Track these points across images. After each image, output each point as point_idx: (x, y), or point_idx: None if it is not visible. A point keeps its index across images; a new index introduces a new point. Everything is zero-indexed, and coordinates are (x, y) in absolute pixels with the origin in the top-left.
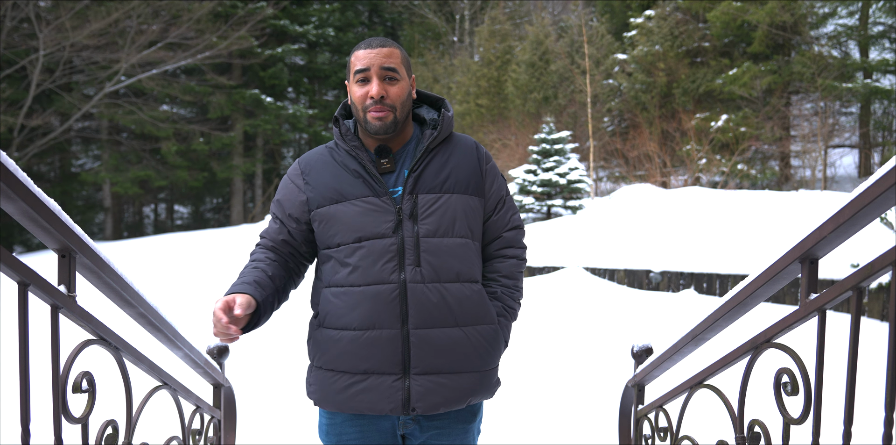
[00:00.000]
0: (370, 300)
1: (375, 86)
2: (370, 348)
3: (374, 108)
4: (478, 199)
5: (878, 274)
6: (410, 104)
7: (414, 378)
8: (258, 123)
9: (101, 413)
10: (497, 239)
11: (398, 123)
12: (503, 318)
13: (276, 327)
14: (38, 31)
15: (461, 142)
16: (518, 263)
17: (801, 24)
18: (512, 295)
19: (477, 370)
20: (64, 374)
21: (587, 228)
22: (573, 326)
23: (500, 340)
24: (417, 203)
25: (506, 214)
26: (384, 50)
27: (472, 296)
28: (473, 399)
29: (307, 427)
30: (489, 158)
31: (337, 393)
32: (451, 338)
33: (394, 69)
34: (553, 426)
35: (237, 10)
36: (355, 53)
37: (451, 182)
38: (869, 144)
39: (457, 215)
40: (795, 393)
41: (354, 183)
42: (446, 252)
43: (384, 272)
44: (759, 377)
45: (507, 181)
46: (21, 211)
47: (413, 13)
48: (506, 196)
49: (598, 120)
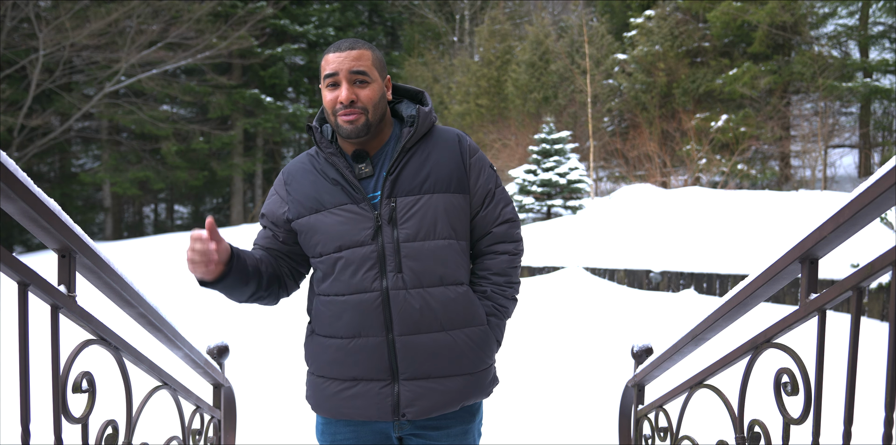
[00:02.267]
0: (354, 309)
1: (345, 90)
2: (357, 355)
3: (343, 111)
4: (461, 196)
5: (878, 274)
6: (385, 105)
7: (403, 384)
8: (258, 121)
9: (101, 413)
10: (487, 235)
11: (371, 126)
12: (493, 317)
13: (275, 327)
14: (38, 31)
15: (442, 136)
16: (511, 258)
17: (802, 24)
18: (503, 293)
19: (467, 372)
20: (64, 374)
21: (587, 228)
22: (573, 326)
23: (490, 341)
24: (396, 207)
25: (495, 208)
26: (353, 53)
27: (457, 299)
28: (466, 401)
29: (307, 428)
30: (475, 149)
31: (328, 399)
32: (438, 343)
33: (363, 72)
34: (553, 426)
35: (237, 9)
36: (325, 57)
37: (430, 182)
38: (869, 144)
39: (438, 215)
40: (795, 393)
41: (333, 191)
42: (428, 256)
43: (366, 281)
44: (759, 377)
45: (499, 173)
46: (21, 211)
47: (413, 13)
48: (494, 189)
49: (598, 120)
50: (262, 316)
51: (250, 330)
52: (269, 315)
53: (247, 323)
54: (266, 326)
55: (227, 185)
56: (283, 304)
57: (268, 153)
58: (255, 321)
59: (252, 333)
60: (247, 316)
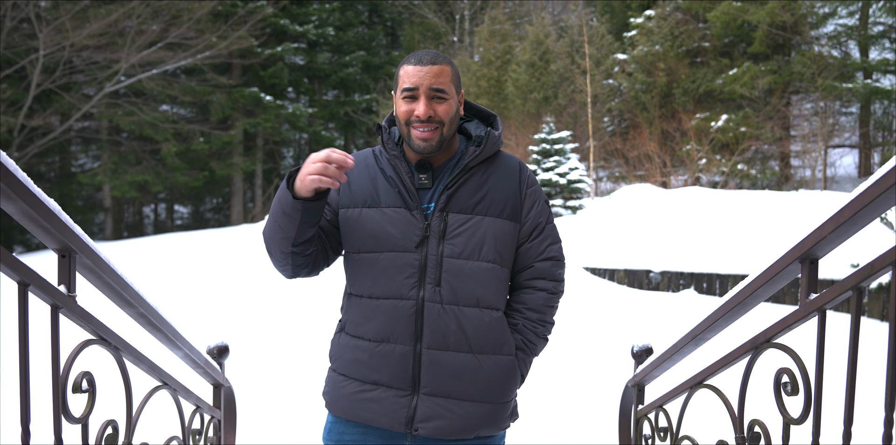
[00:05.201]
0: (387, 314)
1: (423, 106)
2: (382, 360)
3: (419, 125)
4: (512, 224)
5: (878, 274)
6: (458, 121)
7: (422, 398)
8: (258, 121)
9: (101, 413)
10: (528, 269)
11: (444, 141)
12: (521, 352)
13: (276, 327)
14: (38, 32)
15: (505, 162)
16: (549, 297)
17: (802, 24)
18: (535, 330)
19: (488, 401)
20: (64, 374)
21: (587, 228)
22: (573, 326)
23: (515, 373)
24: (447, 222)
25: (542, 243)
26: (434, 68)
27: (490, 323)
28: (482, 432)
29: (307, 427)
30: (533, 181)
31: (344, 398)
32: (464, 364)
33: (443, 90)
34: (553, 425)
35: (237, 9)
36: (404, 68)
37: (485, 204)
38: (869, 144)
39: (486, 238)
40: (795, 393)
41: (390, 192)
42: (469, 275)
43: (403, 288)
44: (759, 377)
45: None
46: (21, 211)
47: (413, 13)
48: (546, 224)
49: (598, 120)
50: (262, 316)
51: (250, 330)
52: (269, 315)
53: (247, 323)
54: (266, 326)
55: (227, 185)
56: (283, 304)
57: (268, 153)
58: (255, 321)
59: (252, 333)
60: (247, 316)
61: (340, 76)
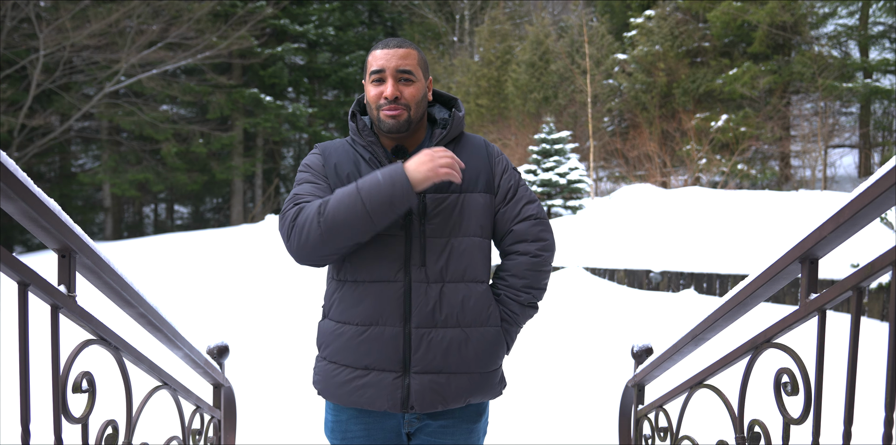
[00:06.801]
0: (375, 297)
1: (390, 87)
2: (372, 344)
3: (387, 107)
4: (488, 195)
5: (878, 274)
6: (426, 105)
7: (413, 377)
8: (258, 121)
9: (101, 413)
10: (508, 234)
11: (412, 123)
12: (505, 323)
13: (275, 327)
14: (38, 32)
15: (470, 141)
16: (532, 261)
17: (802, 24)
18: (517, 298)
19: (477, 371)
20: (64, 374)
21: (587, 228)
22: (573, 326)
23: (502, 343)
24: (426, 203)
25: (516, 204)
26: (400, 51)
27: (476, 296)
28: (473, 399)
29: (307, 427)
30: (498, 152)
31: (338, 387)
32: (453, 339)
33: (409, 71)
34: (553, 426)
35: (237, 9)
36: (372, 53)
37: None
38: (869, 144)
39: (465, 213)
40: (795, 393)
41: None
42: (452, 252)
43: (390, 270)
44: (759, 377)
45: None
46: (21, 211)
47: (413, 13)
48: (518, 187)
49: (598, 120)
50: (262, 316)
51: (250, 330)
52: (268, 315)
53: (247, 323)
54: (266, 326)
55: (227, 185)
56: (282, 304)
57: (268, 153)
58: (254, 321)
59: (252, 333)
60: (247, 316)
61: (340, 76)
